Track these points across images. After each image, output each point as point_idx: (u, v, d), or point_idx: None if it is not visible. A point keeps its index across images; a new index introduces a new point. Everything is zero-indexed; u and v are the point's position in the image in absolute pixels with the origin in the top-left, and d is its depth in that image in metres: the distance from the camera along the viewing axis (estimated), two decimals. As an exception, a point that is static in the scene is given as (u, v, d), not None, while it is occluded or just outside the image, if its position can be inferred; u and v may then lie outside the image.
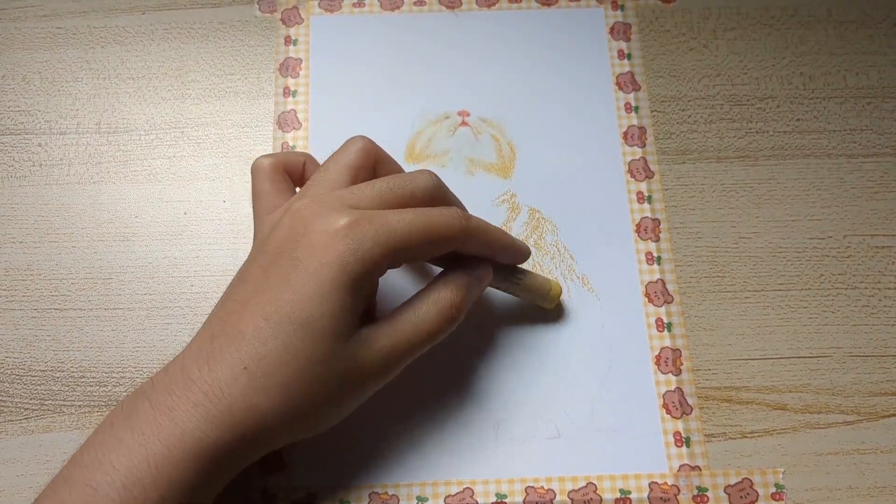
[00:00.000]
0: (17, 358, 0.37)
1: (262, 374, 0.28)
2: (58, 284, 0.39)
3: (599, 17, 0.45)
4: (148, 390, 0.29)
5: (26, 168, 0.41)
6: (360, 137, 0.33)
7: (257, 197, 0.33)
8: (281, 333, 0.28)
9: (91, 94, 0.43)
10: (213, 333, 0.29)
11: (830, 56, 0.44)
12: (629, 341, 0.38)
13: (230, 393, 0.28)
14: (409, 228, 0.30)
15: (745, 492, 0.35)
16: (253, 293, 0.29)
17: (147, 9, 0.45)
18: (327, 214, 0.29)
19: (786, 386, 0.37)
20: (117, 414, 0.29)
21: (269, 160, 0.34)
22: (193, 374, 0.28)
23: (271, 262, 0.30)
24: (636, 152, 0.42)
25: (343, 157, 0.33)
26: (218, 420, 0.27)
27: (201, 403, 0.28)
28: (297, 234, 0.30)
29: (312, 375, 0.28)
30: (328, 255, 0.29)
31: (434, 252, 0.32)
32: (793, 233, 0.40)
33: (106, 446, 0.27)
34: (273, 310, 0.28)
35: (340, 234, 0.29)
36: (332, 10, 0.45)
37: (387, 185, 0.31)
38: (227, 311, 0.30)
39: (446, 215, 0.31)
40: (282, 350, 0.28)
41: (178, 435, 0.27)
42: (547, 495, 0.35)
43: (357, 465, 0.35)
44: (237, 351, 0.28)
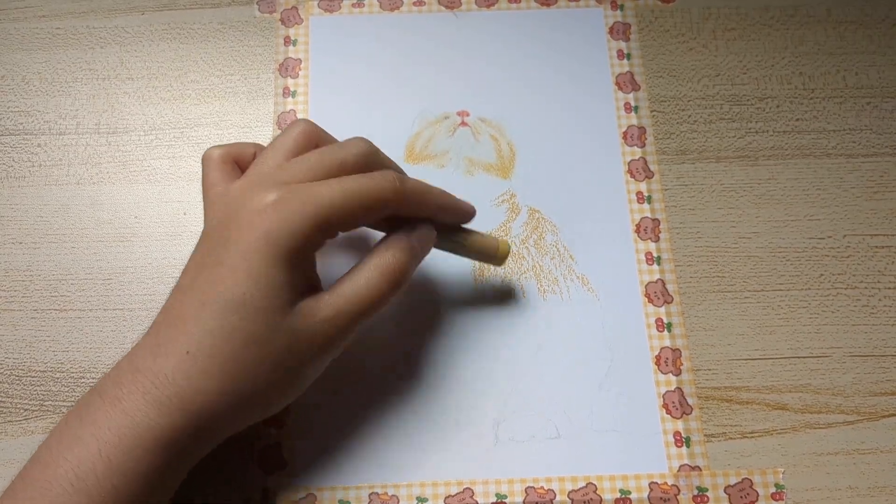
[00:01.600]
0: (16, 358, 0.37)
1: (204, 356, 0.28)
2: (57, 285, 0.39)
3: (599, 17, 0.45)
4: (99, 386, 0.29)
5: (26, 168, 0.41)
6: (301, 120, 0.33)
7: (206, 187, 0.33)
8: (217, 315, 0.28)
9: (90, 94, 0.43)
10: (157, 325, 0.30)
11: (830, 56, 0.44)
12: (629, 341, 0.38)
13: (175, 379, 0.28)
14: (339, 196, 0.29)
15: (745, 492, 0.35)
16: (192, 278, 0.29)
17: (146, 9, 0.45)
18: (256, 193, 0.29)
19: (786, 386, 0.37)
20: (72, 412, 0.29)
21: (218, 150, 0.34)
22: (139, 363, 0.28)
23: (208, 246, 0.30)
24: (636, 152, 0.42)
25: (282, 140, 0.32)
26: (166, 406, 0.27)
27: (149, 391, 0.28)
28: (229, 216, 0.30)
29: (253, 354, 0.28)
30: (257, 231, 0.29)
31: (369, 218, 0.31)
32: (792, 233, 0.40)
33: (60, 443, 0.28)
34: (209, 293, 0.28)
35: (268, 209, 0.29)
36: (332, 11, 0.45)
37: (317, 157, 0.31)
38: (171, 301, 0.30)
39: (378, 179, 0.31)
40: (220, 331, 0.28)
41: (129, 424, 0.27)
42: (547, 495, 0.35)
43: (357, 465, 0.35)
44: (179, 336, 0.28)
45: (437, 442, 0.35)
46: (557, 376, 0.37)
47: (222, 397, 0.28)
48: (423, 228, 0.33)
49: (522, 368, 0.37)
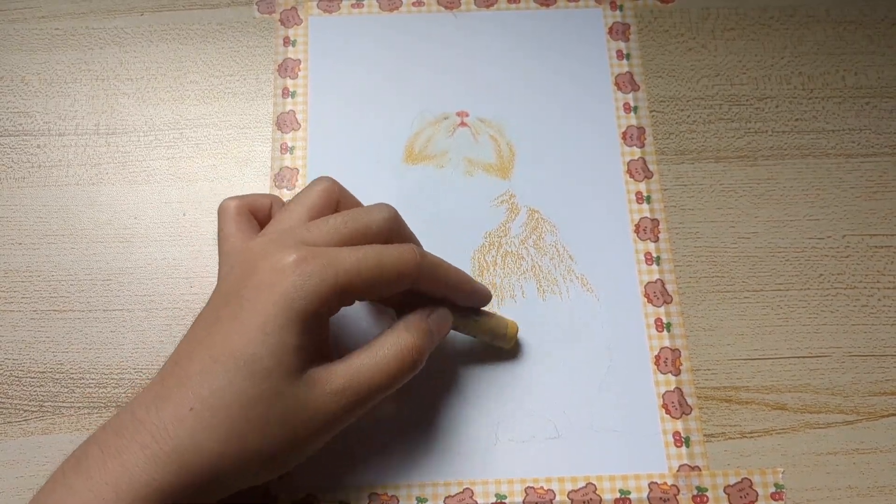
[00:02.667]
0: (16, 359, 0.37)
1: (208, 414, 0.27)
2: (57, 286, 0.39)
3: (598, 18, 0.45)
4: (98, 435, 0.28)
5: (25, 169, 0.41)
6: (323, 178, 0.33)
7: (222, 239, 0.33)
8: (226, 372, 0.27)
9: (90, 95, 0.43)
10: (163, 376, 0.29)
11: (829, 56, 0.44)
12: (628, 341, 0.38)
13: (176, 434, 0.27)
14: (359, 265, 0.29)
15: (745, 492, 0.35)
16: (205, 334, 0.29)
17: (145, 10, 0.45)
18: (276, 251, 0.29)
19: (785, 386, 0.37)
20: (69, 461, 0.28)
21: (234, 202, 0.34)
22: (141, 416, 0.28)
23: (223, 301, 0.29)
24: (635, 152, 0.42)
25: (304, 198, 0.32)
26: (165, 462, 0.27)
27: (149, 445, 0.27)
28: (247, 273, 0.29)
29: (257, 415, 0.27)
30: (274, 291, 0.28)
31: (387, 290, 0.31)
32: (792, 233, 0.40)
33: (56, 494, 0.27)
34: (220, 349, 0.28)
35: (287, 270, 0.28)
36: (331, 11, 0.45)
37: (342, 220, 0.31)
38: (180, 352, 0.29)
39: (399, 252, 0.30)
40: (226, 389, 0.27)
41: (127, 479, 0.26)
42: (546, 496, 0.35)
43: (357, 466, 0.35)
44: (184, 391, 0.27)
45: (437, 442, 0.35)
46: (557, 376, 0.37)
47: (223, 457, 0.27)
48: (441, 311, 0.33)
49: (522, 368, 0.37)
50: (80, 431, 0.36)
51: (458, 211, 0.40)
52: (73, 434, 0.36)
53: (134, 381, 0.37)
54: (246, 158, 0.41)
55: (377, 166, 0.41)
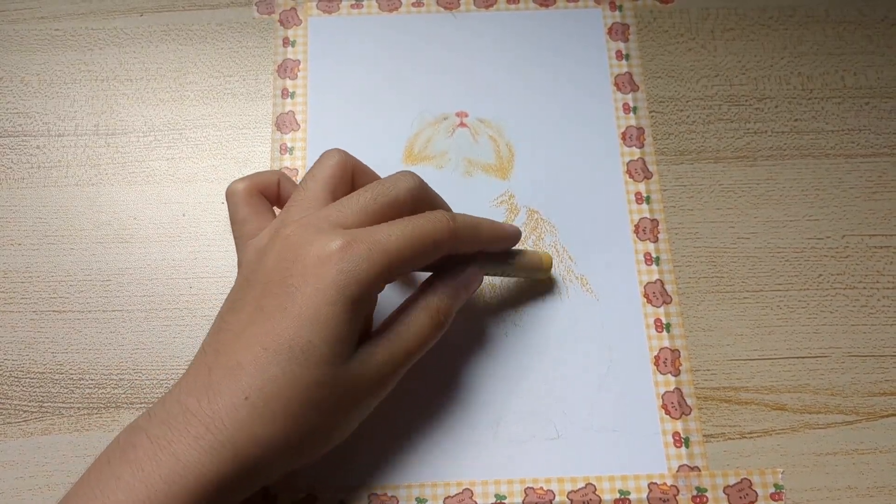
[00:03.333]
0: (15, 360, 0.37)
1: (264, 403, 0.27)
2: (56, 286, 0.39)
3: (597, 18, 0.45)
4: (145, 424, 0.28)
5: (24, 170, 0.41)
6: (334, 151, 0.33)
7: (237, 223, 0.33)
8: (281, 361, 0.28)
9: (89, 95, 0.43)
10: (209, 365, 0.29)
11: (828, 56, 0.44)
12: (628, 342, 0.38)
13: (231, 424, 0.27)
14: (400, 242, 0.30)
15: (745, 492, 0.35)
16: (248, 323, 0.29)
17: (145, 10, 0.45)
18: (317, 237, 0.29)
19: (785, 386, 0.37)
20: (114, 450, 0.28)
21: (242, 184, 0.34)
22: (192, 406, 0.28)
23: (264, 290, 0.29)
24: (634, 153, 0.42)
25: (320, 173, 0.32)
26: (219, 452, 0.27)
27: (202, 436, 0.27)
28: (289, 261, 0.29)
29: (314, 401, 0.28)
30: (324, 279, 0.28)
31: (428, 260, 0.31)
32: (791, 233, 0.40)
33: (103, 484, 0.27)
34: (271, 339, 0.28)
35: (335, 257, 0.28)
36: (331, 12, 0.45)
37: (370, 196, 0.31)
38: (221, 342, 0.29)
39: (433, 221, 0.31)
40: (282, 378, 0.27)
41: (179, 470, 0.26)
42: (546, 496, 0.35)
43: (357, 467, 0.35)
44: (236, 381, 0.28)
45: (437, 442, 0.35)
46: (557, 376, 0.37)
47: (276, 444, 0.28)
48: (469, 271, 0.33)
49: (522, 369, 0.37)
50: (79, 432, 0.36)
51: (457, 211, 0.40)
52: (73, 434, 0.36)
53: (133, 382, 0.37)
54: (245, 159, 0.41)
55: (377, 167, 0.41)
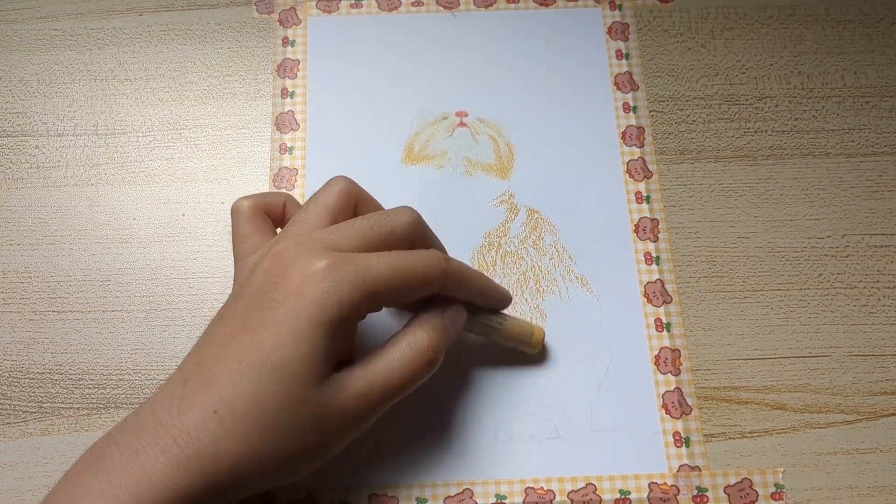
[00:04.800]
0: (14, 360, 0.37)
1: (232, 418, 0.27)
2: (56, 287, 0.38)
3: (597, 17, 0.45)
4: (117, 435, 0.28)
5: (23, 170, 0.41)
6: (340, 178, 0.33)
7: (237, 239, 0.33)
8: (252, 377, 0.27)
9: (88, 95, 0.43)
10: (185, 377, 0.28)
11: (828, 55, 0.44)
12: (628, 341, 0.37)
13: (199, 438, 0.27)
14: (388, 272, 0.29)
15: (745, 492, 0.35)
16: (230, 336, 0.29)
17: (144, 10, 0.45)
18: (306, 256, 0.29)
19: (785, 386, 0.37)
20: (85, 460, 0.28)
21: (248, 202, 0.34)
22: (163, 417, 0.27)
23: (249, 304, 0.29)
24: (634, 152, 0.42)
25: (323, 198, 0.32)
26: (186, 466, 0.26)
27: (170, 449, 0.27)
28: (275, 277, 0.29)
29: (283, 420, 0.27)
30: (306, 297, 0.28)
31: (414, 295, 0.31)
32: (791, 232, 0.40)
33: (71, 495, 0.26)
34: (247, 353, 0.28)
35: (319, 276, 0.28)
36: (330, 11, 0.45)
37: (367, 224, 0.31)
38: (202, 353, 0.29)
39: (426, 258, 0.31)
40: (252, 394, 0.27)
41: (146, 483, 0.26)
42: (546, 496, 0.35)
43: (357, 467, 0.35)
44: (208, 395, 0.27)
45: (437, 442, 0.35)
46: (557, 376, 0.37)
47: (244, 461, 0.27)
48: (455, 309, 0.33)
49: (522, 369, 0.37)
50: (79, 432, 0.36)
51: (457, 211, 0.40)
52: (73, 435, 0.36)
53: (133, 382, 0.37)
54: (245, 159, 0.41)
55: (376, 167, 0.41)
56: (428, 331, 0.31)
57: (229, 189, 0.41)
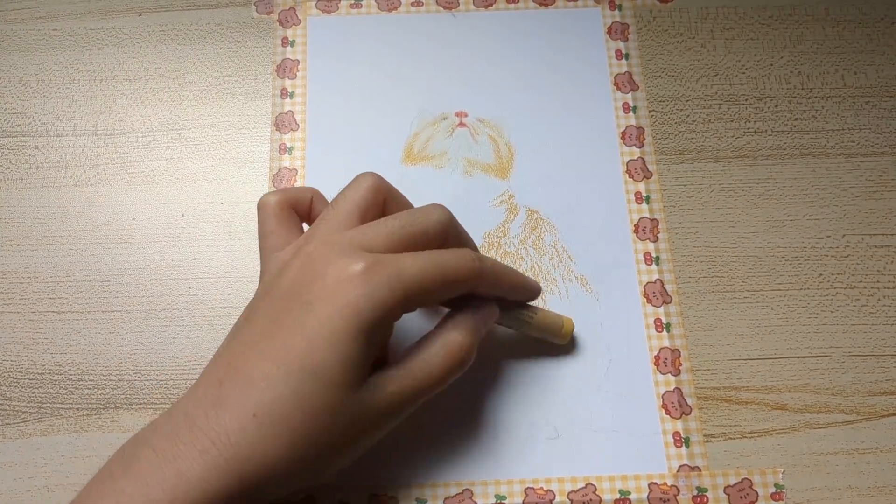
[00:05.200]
0: (14, 361, 0.37)
1: (271, 422, 0.27)
2: (55, 287, 0.38)
3: (597, 17, 0.45)
4: (150, 437, 0.28)
5: (23, 170, 0.41)
6: (369, 174, 0.32)
7: (264, 235, 0.33)
8: (291, 381, 0.27)
9: (88, 95, 0.43)
10: (219, 378, 0.28)
11: (828, 55, 0.44)
12: (628, 342, 0.37)
13: (238, 441, 0.27)
14: (423, 273, 0.29)
15: (745, 492, 0.35)
16: (261, 336, 0.29)
17: (143, 10, 0.45)
18: (340, 258, 0.29)
19: (785, 386, 0.37)
20: (117, 462, 0.27)
21: (275, 197, 0.33)
22: (200, 420, 0.27)
23: (281, 305, 0.29)
24: (634, 152, 0.41)
25: (352, 195, 0.32)
26: (224, 469, 0.26)
27: (207, 451, 0.26)
28: (309, 278, 0.29)
29: (321, 424, 0.28)
30: (342, 301, 0.28)
31: (448, 295, 0.31)
32: (791, 232, 0.40)
33: (106, 495, 0.26)
34: (284, 356, 0.28)
35: (356, 280, 0.28)
36: (330, 11, 0.45)
37: (399, 224, 0.31)
38: (234, 353, 0.29)
39: (460, 258, 0.31)
40: (291, 398, 0.27)
41: (183, 486, 0.26)
42: (546, 496, 0.35)
43: (357, 467, 0.35)
44: (245, 397, 0.27)
45: (437, 442, 0.35)
46: (557, 376, 0.37)
47: (281, 463, 0.27)
48: (488, 308, 0.33)
49: (522, 369, 0.37)
50: (78, 433, 0.36)
51: (457, 211, 0.40)
52: (72, 435, 0.36)
53: (133, 383, 0.37)
54: (244, 159, 0.41)
55: (376, 167, 0.41)
56: (461, 331, 0.31)
57: (229, 189, 0.41)
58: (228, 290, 0.38)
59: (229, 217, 0.40)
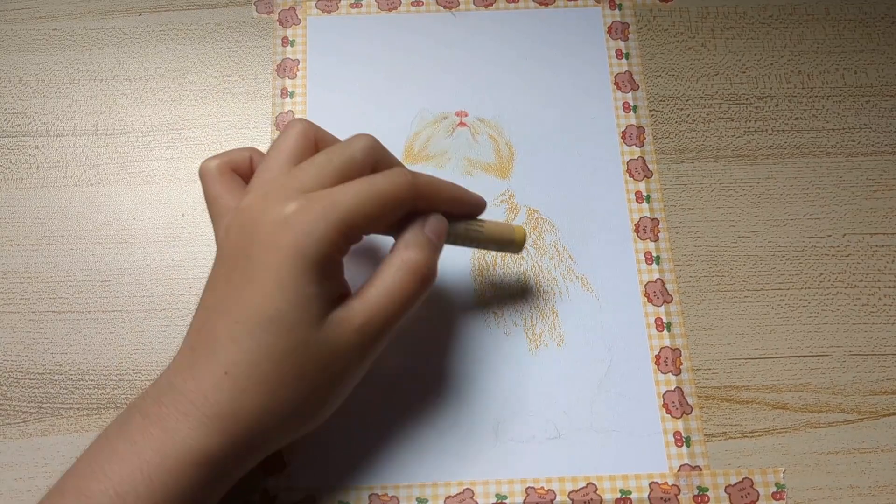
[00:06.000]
0: (14, 361, 0.37)
1: (242, 375, 0.28)
2: (55, 287, 0.38)
3: (597, 17, 0.45)
4: (139, 403, 0.29)
5: (23, 170, 0.41)
6: (297, 120, 0.32)
7: (210, 202, 0.33)
8: (252, 332, 0.28)
9: (88, 95, 0.43)
10: (191, 344, 0.29)
11: (828, 55, 0.44)
12: (629, 341, 0.37)
13: (216, 399, 0.28)
14: (357, 200, 0.29)
15: (746, 491, 0.35)
16: (221, 298, 0.29)
17: (143, 10, 0.45)
18: (274, 205, 0.29)
19: (786, 385, 0.37)
20: (111, 428, 0.29)
21: (215, 162, 0.33)
22: (179, 384, 0.28)
23: (230, 264, 0.29)
24: (634, 152, 0.41)
25: (283, 143, 0.32)
26: (207, 427, 0.27)
27: (190, 413, 0.28)
28: (248, 232, 0.29)
29: (291, 369, 0.28)
30: (283, 244, 0.28)
31: (389, 218, 0.31)
32: (792, 232, 0.40)
33: (100, 456, 0.28)
34: (242, 311, 0.28)
35: (290, 221, 0.28)
36: (330, 11, 0.45)
37: (325, 158, 0.30)
38: (200, 319, 0.30)
39: (392, 177, 0.30)
40: (256, 349, 0.28)
41: (170, 443, 0.27)
42: (547, 496, 0.35)
43: (357, 467, 0.35)
44: (215, 357, 0.28)
45: (437, 442, 0.35)
46: (557, 376, 0.37)
47: (262, 415, 0.28)
48: (434, 219, 0.32)
49: (522, 368, 0.37)
50: (78, 433, 0.36)
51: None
52: (73, 435, 0.36)
53: (133, 382, 0.37)
54: (245, 159, 0.41)
55: (376, 166, 0.41)
56: (414, 248, 0.31)
57: (229, 189, 0.41)
58: (229, 290, 0.38)
59: (229, 217, 0.40)
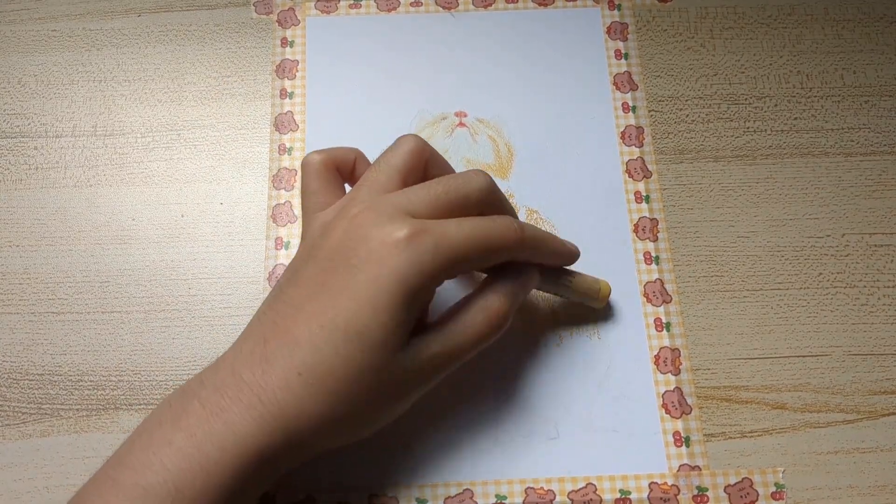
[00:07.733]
0: (14, 362, 0.37)
1: (315, 381, 0.28)
2: (55, 288, 0.38)
3: (596, 17, 0.45)
4: (197, 389, 0.29)
5: (22, 171, 0.41)
6: (411, 136, 0.33)
7: (307, 194, 0.33)
8: (335, 342, 0.28)
9: (87, 96, 0.43)
10: (265, 336, 0.29)
11: (827, 55, 0.44)
12: (628, 341, 0.37)
13: (283, 398, 0.28)
14: (467, 240, 0.30)
15: (745, 491, 0.35)
16: (307, 298, 0.29)
17: (143, 11, 0.45)
18: (386, 223, 0.29)
19: (785, 385, 0.37)
20: (165, 413, 0.28)
21: (319, 156, 0.33)
22: (246, 375, 0.28)
23: (326, 267, 0.29)
24: (634, 152, 0.41)
25: (394, 158, 0.32)
26: (270, 424, 0.28)
27: (254, 407, 0.28)
28: (354, 241, 0.29)
29: (362, 384, 0.28)
30: (387, 266, 0.28)
31: (490, 262, 0.32)
32: (791, 232, 0.40)
33: (156, 447, 0.27)
34: (328, 317, 0.28)
35: (401, 245, 0.28)
36: (329, 12, 0.45)
37: (442, 189, 0.31)
38: (279, 313, 0.30)
39: (502, 226, 0.31)
40: (335, 358, 0.28)
41: (231, 438, 0.27)
42: (547, 496, 0.35)
43: (356, 467, 0.35)
44: (291, 356, 0.28)
45: (437, 443, 0.35)
46: (557, 376, 0.37)
47: (324, 422, 0.28)
48: (528, 274, 0.33)
49: (522, 369, 0.37)
50: (78, 434, 0.36)
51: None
52: (72, 436, 0.35)
53: (132, 383, 0.37)
54: (244, 160, 0.41)
55: (375, 167, 0.41)
56: (500, 296, 0.31)
57: (228, 190, 0.41)
58: (228, 291, 0.38)
59: (229, 217, 0.40)
